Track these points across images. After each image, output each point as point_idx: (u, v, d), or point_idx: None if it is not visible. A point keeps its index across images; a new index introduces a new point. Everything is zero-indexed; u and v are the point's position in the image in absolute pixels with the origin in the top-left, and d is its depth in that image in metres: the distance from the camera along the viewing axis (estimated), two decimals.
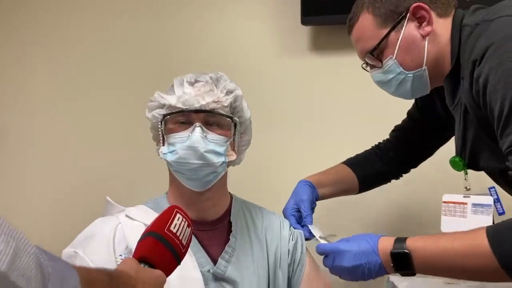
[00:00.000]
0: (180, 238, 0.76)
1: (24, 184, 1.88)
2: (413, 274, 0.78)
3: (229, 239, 1.08)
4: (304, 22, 1.60)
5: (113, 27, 1.83)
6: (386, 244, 0.80)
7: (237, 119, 1.06)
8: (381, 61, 0.99)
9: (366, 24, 0.99)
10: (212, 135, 1.01)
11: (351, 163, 1.33)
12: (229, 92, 1.04)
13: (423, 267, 0.75)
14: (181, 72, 1.10)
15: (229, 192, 1.16)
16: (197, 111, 1.01)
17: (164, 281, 0.73)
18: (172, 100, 1.03)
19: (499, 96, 0.77)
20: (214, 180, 1.04)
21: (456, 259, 0.70)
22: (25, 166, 1.88)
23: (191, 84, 1.04)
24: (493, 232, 0.69)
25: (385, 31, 0.96)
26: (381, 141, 1.38)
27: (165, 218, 0.77)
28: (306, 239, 1.14)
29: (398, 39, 0.94)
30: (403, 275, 0.80)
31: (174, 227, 0.75)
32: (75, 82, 1.85)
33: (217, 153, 1.01)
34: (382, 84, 1.04)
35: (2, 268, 0.44)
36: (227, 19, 1.75)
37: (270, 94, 1.68)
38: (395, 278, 1.32)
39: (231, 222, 1.10)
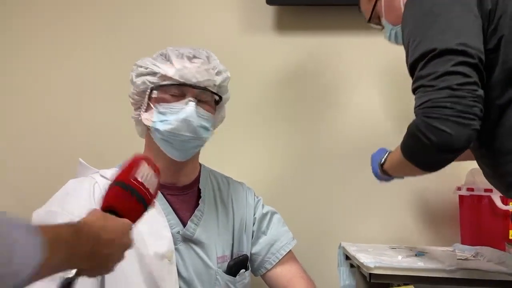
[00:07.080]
0: (147, 186, 0.76)
1: None
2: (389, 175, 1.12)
3: (198, 203, 1.14)
4: (269, 1, 1.64)
5: None
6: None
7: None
8: (381, 24, 1.25)
9: (363, 2, 1.28)
10: (202, 111, 1.08)
11: None
12: (219, 73, 1.12)
13: (389, 169, 1.10)
14: (147, 45, 1.11)
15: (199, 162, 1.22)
16: (193, 87, 1.07)
17: (130, 228, 0.74)
18: (169, 71, 1.06)
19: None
20: (195, 152, 1.12)
21: (397, 160, 1.02)
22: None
23: (190, 59, 1.09)
24: (402, 142, 0.98)
25: (373, 3, 1.21)
26: None
27: (130, 167, 0.77)
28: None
29: (382, 5, 1.21)
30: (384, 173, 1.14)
31: (140, 176, 0.76)
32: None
33: (206, 128, 1.08)
34: (389, 40, 1.25)
35: None
36: None
37: (232, 71, 1.67)
38: (346, 244, 1.44)
39: (199, 189, 1.17)
